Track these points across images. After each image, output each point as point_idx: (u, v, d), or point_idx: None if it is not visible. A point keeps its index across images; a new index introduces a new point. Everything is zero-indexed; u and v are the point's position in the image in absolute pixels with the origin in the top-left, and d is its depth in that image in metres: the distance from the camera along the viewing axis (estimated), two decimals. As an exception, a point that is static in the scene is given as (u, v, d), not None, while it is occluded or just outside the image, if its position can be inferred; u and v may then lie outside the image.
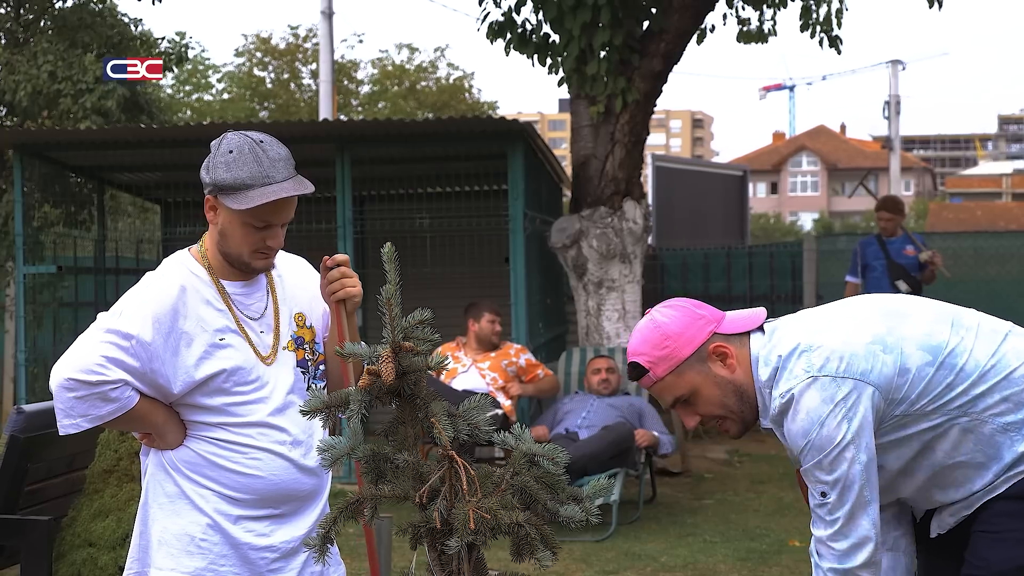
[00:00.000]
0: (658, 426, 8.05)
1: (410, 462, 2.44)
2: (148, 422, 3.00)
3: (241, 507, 3.03)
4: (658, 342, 2.91)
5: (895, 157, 38.28)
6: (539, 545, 2.37)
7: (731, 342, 2.93)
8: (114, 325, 2.93)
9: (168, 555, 3.02)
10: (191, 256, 3.09)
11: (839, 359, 2.79)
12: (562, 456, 2.44)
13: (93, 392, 2.87)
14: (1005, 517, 2.85)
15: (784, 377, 2.84)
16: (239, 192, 2.92)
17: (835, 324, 2.89)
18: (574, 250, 9.61)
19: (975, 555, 2.88)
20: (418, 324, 2.47)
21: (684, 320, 2.92)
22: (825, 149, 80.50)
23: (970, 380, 2.83)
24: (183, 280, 3.02)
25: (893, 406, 2.82)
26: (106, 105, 12.38)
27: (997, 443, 2.84)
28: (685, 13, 9.47)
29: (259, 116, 29.01)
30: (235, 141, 2.98)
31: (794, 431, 2.82)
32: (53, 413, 4.87)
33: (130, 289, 3.05)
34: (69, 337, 11.34)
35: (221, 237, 3.01)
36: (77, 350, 2.92)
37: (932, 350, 2.83)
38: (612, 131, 9.49)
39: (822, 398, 2.78)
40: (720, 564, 6.67)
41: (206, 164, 3.00)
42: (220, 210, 2.98)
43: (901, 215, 9.75)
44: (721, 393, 2.92)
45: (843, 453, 2.77)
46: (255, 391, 3.02)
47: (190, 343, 2.97)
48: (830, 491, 2.80)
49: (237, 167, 2.93)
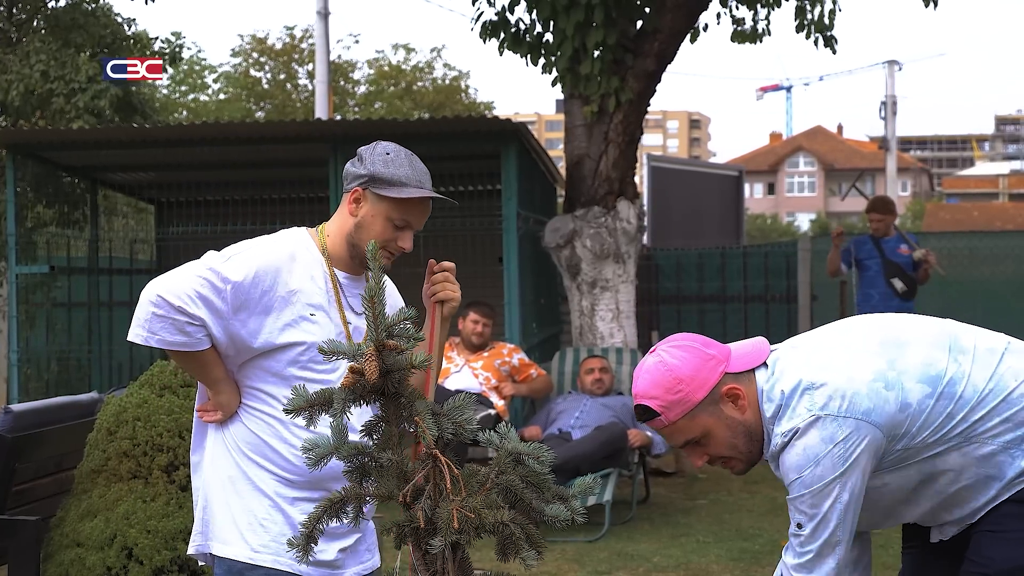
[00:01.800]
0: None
1: (394, 461, 2.43)
2: (208, 373, 3.08)
3: (297, 489, 3.10)
4: (670, 386, 2.86)
5: (891, 158, 38.31)
6: (524, 545, 2.35)
7: (740, 381, 2.90)
8: (217, 266, 3.01)
9: (234, 530, 3.10)
10: (309, 236, 3.21)
11: (841, 398, 2.78)
12: (547, 455, 2.42)
13: (171, 316, 2.94)
14: (1009, 518, 2.85)
15: (787, 415, 2.83)
16: (395, 186, 3.11)
17: (837, 359, 2.86)
18: (568, 250, 9.59)
19: (978, 553, 2.88)
20: (402, 322, 2.47)
21: (695, 362, 2.87)
22: (822, 150, 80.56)
23: (969, 406, 2.82)
24: (295, 251, 3.14)
25: (895, 442, 2.82)
26: (99, 105, 12.36)
27: (998, 462, 2.85)
28: (679, 12, 9.46)
29: (255, 116, 28.99)
30: (392, 146, 3.19)
31: (788, 464, 2.83)
32: (41, 413, 4.89)
33: (244, 240, 3.15)
34: (62, 338, 11.34)
35: (357, 229, 3.14)
36: (177, 274, 3.01)
37: (931, 381, 2.82)
38: (606, 131, 9.48)
39: (822, 437, 2.77)
40: (713, 564, 6.66)
41: (359, 160, 3.16)
42: (365, 202, 3.13)
43: (892, 215, 9.74)
44: (731, 434, 2.91)
45: (828, 490, 2.78)
46: (329, 372, 3.09)
47: (283, 308, 3.06)
48: (806, 524, 2.82)
49: (395, 166, 3.13)
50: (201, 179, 11.40)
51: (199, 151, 10.14)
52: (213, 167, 11.08)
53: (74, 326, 11.53)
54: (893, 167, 38.32)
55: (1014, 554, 2.83)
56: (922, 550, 3.11)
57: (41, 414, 4.88)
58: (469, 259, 10.33)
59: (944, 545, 3.02)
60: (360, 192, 3.13)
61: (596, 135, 9.51)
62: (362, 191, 3.13)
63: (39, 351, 10.88)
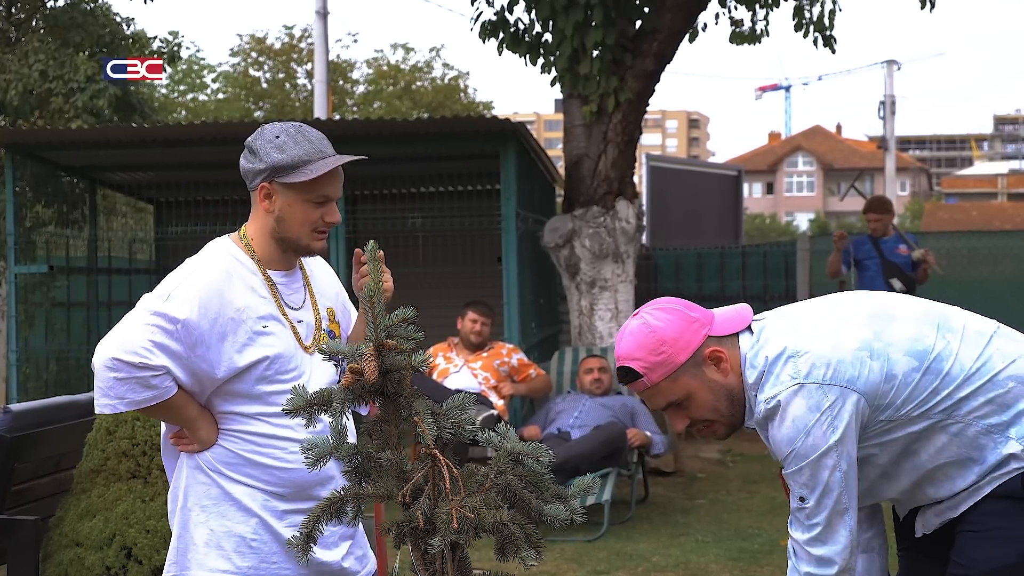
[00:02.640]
0: (651, 426, 8.03)
1: (393, 461, 2.43)
2: (182, 415, 3.01)
3: (286, 502, 3.06)
4: (653, 347, 2.86)
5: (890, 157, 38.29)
6: (523, 544, 2.36)
7: (723, 344, 2.90)
8: (161, 308, 2.93)
9: (220, 556, 3.03)
10: (234, 244, 3.12)
11: (826, 365, 2.78)
12: (546, 455, 2.42)
13: (134, 376, 2.88)
14: (991, 516, 2.84)
15: (770, 382, 2.82)
16: (299, 169, 3.00)
17: (822, 328, 2.86)
18: (567, 250, 9.59)
19: (961, 554, 2.87)
20: (401, 322, 2.46)
21: (679, 324, 2.87)
22: (821, 149, 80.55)
23: (955, 384, 2.82)
24: (228, 266, 3.05)
25: (879, 412, 2.81)
26: (98, 104, 12.36)
27: (981, 445, 2.84)
28: (678, 12, 9.46)
29: (254, 116, 28.98)
30: (277, 127, 3.06)
31: (779, 438, 2.82)
32: (40, 412, 4.88)
33: (174, 272, 3.06)
34: (61, 337, 11.34)
35: (278, 223, 3.06)
36: (123, 330, 2.92)
37: (918, 355, 2.82)
38: (605, 130, 9.48)
39: (808, 406, 2.76)
40: (712, 564, 6.66)
41: (250, 156, 3.06)
42: (277, 195, 3.05)
43: (890, 215, 9.74)
44: (714, 397, 2.90)
45: (824, 460, 2.77)
46: (295, 380, 3.04)
47: (235, 329, 2.99)
48: (809, 496, 2.80)
49: (290, 147, 3.01)
50: (200, 179, 11.40)
51: (198, 151, 10.14)
52: (212, 167, 11.08)
53: (73, 326, 11.53)
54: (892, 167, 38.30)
55: (997, 553, 2.82)
56: (914, 551, 3.11)
57: (40, 414, 4.87)
58: (468, 259, 10.36)
59: (934, 547, 3.02)
60: (267, 187, 3.04)
61: (595, 135, 9.51)
62: (269, 185, 3.04)
63: (38, 351, 10.88)
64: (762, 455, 10.02)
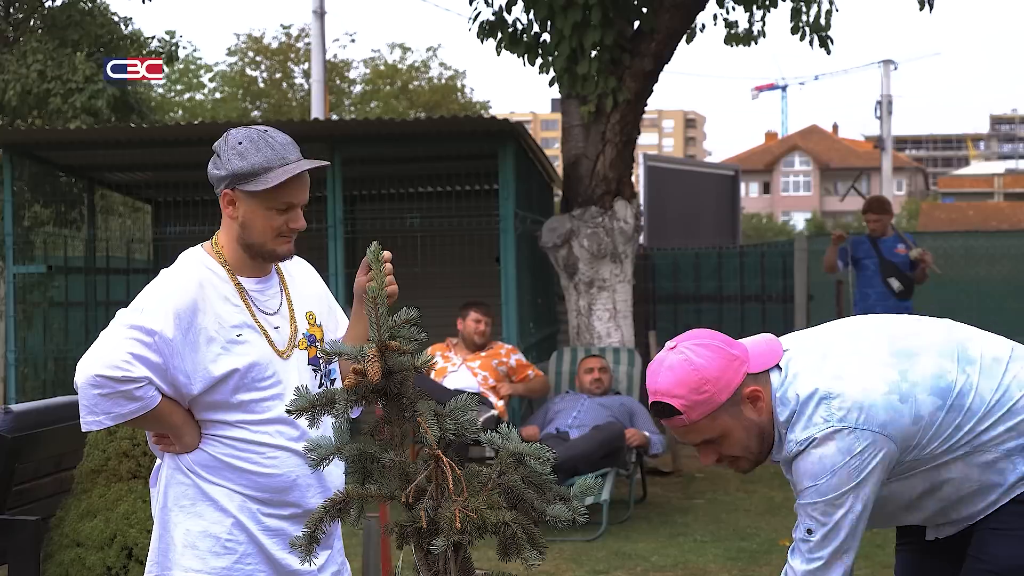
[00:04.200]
0: (649, 426, 8.04)
1: (396, 462, 2.44)
2: (167, 423, 3.01)
3: (263, 505, 3.05)
4: (696, 386, 2.81)
5: (887, 157, 38.36)
6: (526, 545, 2.36)
7: (759, 382, 2.88)
8: (137, 321, 2.93)
9: (195, 557, 3.03)
10: (206, 253, 3.11)
11: (859, 410, 2.78)
12: (549, 455, 2.43)
13: (118, 390, 2.89)
14: (1014, 516, 2.87)
15: (803, 423, 2.82)
16: (259, 176, 2.98)
17: (849, 368, 2.85)
18: (565, 250, 9.60)
19: (982, 551, 2.90)
20: (404, 323, 2.47)
21: (721, 362, 2.83)
22: (817, 149, 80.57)
23: (976, 418, 2.85)
24: (201, 276, 3.04)
25: (906, 453, 2.84)
26: (96, 104, 12.36)
27: (1000, 469, 2.88)
28: (676, 13, 9.47)
29: (251, 116, 28.97)
30: (241, 133, 3.03)
31: (802, 471, 2.83)
32: (41, 413, 4.88)
33: (148, 286, 3.06)
34: (59, 337, 11.33)
35: (243, 229, 3.05)
36: (102, 347, 2.93)
37: (941, 393, 2.84)
38: (603, 131, 9.49)
39: (839, 448, 2.78)
40: (710, 564, 6.67)
41: (216, 161, 3.04)
42: (239, 202, 3.03)
43: (889, 214, 9.74)
44: (747, 436, 2.89)
45: (841, 500, 2.79)
46: (272, 387, 3.04)
47: (209, 340, 2.98)
48: (817, 530, 2.82)
49: (251, 154, 2.98)
50: (198, 179, 11.33)
51: (196, 151, 10.12)
52: (210, 167, 11.06)
53: (71, 326, 11.52)
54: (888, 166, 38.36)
55: (1020, 552, 2.85)
56: (917, 548, 3.12)
57: (41, 414, 4.87)
58: (466, 259, 10.35)
59: (940, 543, 3.03)
60: (230, 194, 3.03)
61: (593, 135, 9.52)
62: (231, 192, 3.03)
63: (36, 351, 10.87)
64: (760, 455, 10.03)
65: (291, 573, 3.08)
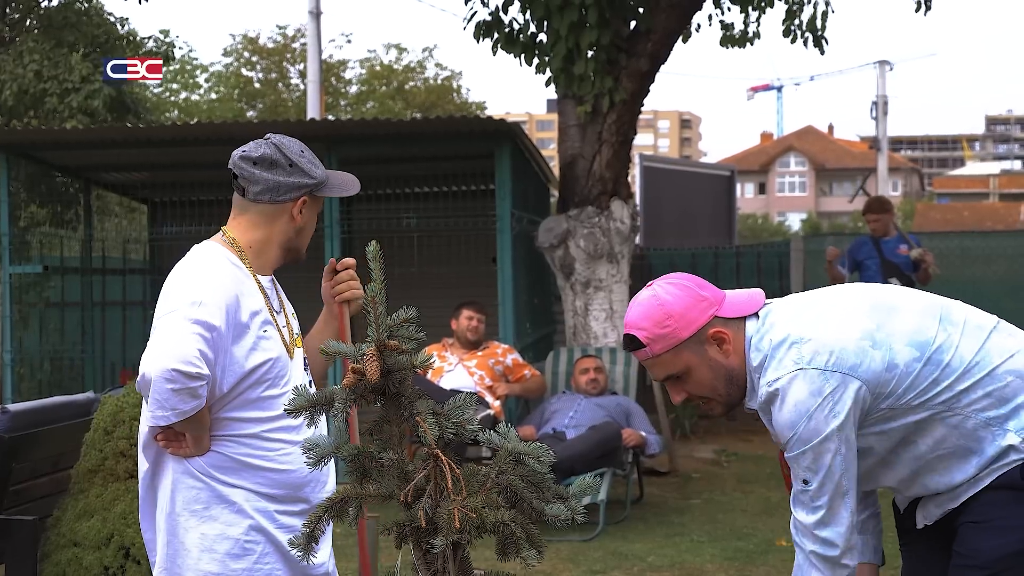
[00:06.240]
0: (645, 426, 8.05)
1: (395, 461, 2.44)
2: (202, 422, 2.98)
3: (278, 503, 3.07)
4: (660, 319, 2.90)
5: (883, 157, 38.39)
6: (524, 544, 2.36)
7: (729, 326, 2.94)
8: (199, 316, 2.89)
9: (213, 560, 3.02)
10: (224, 247, 3.11)
11: (828, 353, 2.82)
12: (547, 455, 2.43)
13: (188, 386, 2.83)
14: (991, 506, 2.88)
15: (772, 366, 2.87)
16: (326, 185, 3.15)
17: (826, 317, 2.91)
18: (561, 250, 9.61)
19: (965, 546, 2.91)
20: (403, 323, 2.47)
21: (687, 300, 2.92)
22: (813, 149, 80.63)
23: (955, 375, 2.87)
24: (233, 271, 3.05)
25: (880, 400, 2.86)
26: (92, 105, 12.36)
27: (979, 437, 2.88)
28: (672, 13, 9.48)
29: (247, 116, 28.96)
30: (295, 143, 3.15)
31: (781, 422, 2.86)
32: (38, 413, 4.88)
33: (187, 275, 3.01)
34: (56, 337, 11.33)
35: (298, 233, 3.16)
36: (169, 340, 2.86)
37: (920, 346, 2.87)
38: (599, 131, 9.49)
39: (810, 391, 2.81)
40: (707, 564, 6.67)
41: (285, 167, 3.07)
42: (307, 208, 3.15)
43: (889, 213, 9.74)
44: (713, 376, 2.95)
45: (826, 444, 2.82)
46: (287, 383, 3.07)
47: (243, 334, 3.00)
48: (812, 479, 2.85)
49: (316, 165, 3.14)
50: (194, 179, 11.40)
51: (192, 151, 10.13)
52: (206, 167, 11.07)
53: (67, 326, 11.52)
54: (884, 167, 38.39)
55: (1000, 542, 2.86)
56: (913, 549, 3.14)
57: (38, 414, 4.87)
58: (462, 259, 10.36)
59: (932, 543, 3.05)
60: (308, 200, 3.13)
61: (590, 135, 9.52)
62: (309, 198, 3.14)
63: (32, 351, 10.87)
64: (757, 455, 10.04)
65: (303, 569, 3.09)
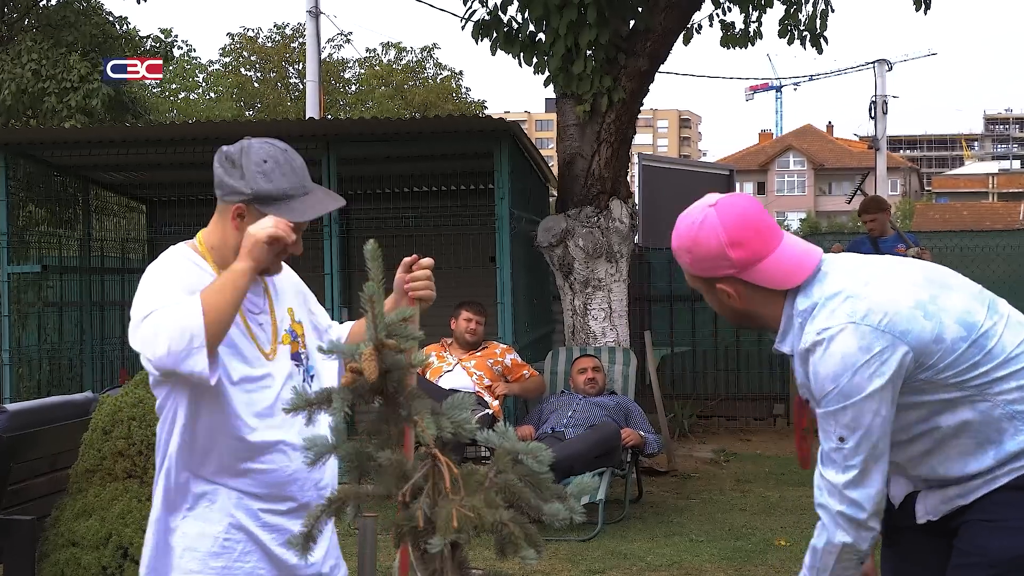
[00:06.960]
0: (644, 425, 8.05)
1: (393, 460, 2.43)
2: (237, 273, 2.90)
3: (263, 502, 3.05)
4: (686, 244, 2.92)
5: (881, 157, 38.33)
6: (523, 543, 2.36)
7: (747, 289, 2.91)
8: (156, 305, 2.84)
9: (194, 559, 3.02)
10: (192, 251, 3.08)
11: (883, 313, 2.80)
12: (546, 454, 2.42)
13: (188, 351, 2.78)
14: (1006, 506, 2.84)
15: (823, 316, 2.83)
16: (282, 203, 2.95)
17: (882, 280, 2.89)
18: (560, 249, 9.60)
19: (971, 543, 2.86)
20: (401, 322, 2.47)
21: (712, 250, 2.88)
22: (812, 149, 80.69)
23: (995, 363, 2.85)
24: (190, 269, 3.02)
25: (921, 370, 2.83)
26: (91, 104, 12.36)
27: (1002, 428, 2.85)
28: (671, 12, 9.48)
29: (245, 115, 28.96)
30: (265, 150, 2.99)
31: (823, 373, 2.82)
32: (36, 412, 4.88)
33: (144, 280, 2.97)
34: (54, 337, 11.32)
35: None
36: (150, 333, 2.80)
37: (968, 327, 2.85)
38: (598, 130, 9.49)
39: (859, 346, 2.77)
40: (706, 563, 6.67)
41: (232, 171, 3.00)
42: (250, 218, 2.99)
43: (885, 213, 9.74)
44: (721, 308, 2.99)
45: (869, 403, 2.78)
46: (265, 386, 3.03)
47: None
48: (850, 437, 2.81)
49: (277, 177, 2.96)
50: (193, 178, 11.39)
51: (191, 150, 10.13)
52: (205, 166, 11.04)
53: (66, 326, 11.51)
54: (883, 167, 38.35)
55: (1010, 543, 2.80)
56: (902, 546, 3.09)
57: (36, 414, 4.87)
58: (461, 258, 10.35)
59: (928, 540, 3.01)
60: (243, 208, 2.99)
61: (589, 134, 9.52)
62: (245, 207, 2.99)
63: (31, 351, 10.86)
64: (755, 455, 10.04)
65: (290, 568, 3.08)
